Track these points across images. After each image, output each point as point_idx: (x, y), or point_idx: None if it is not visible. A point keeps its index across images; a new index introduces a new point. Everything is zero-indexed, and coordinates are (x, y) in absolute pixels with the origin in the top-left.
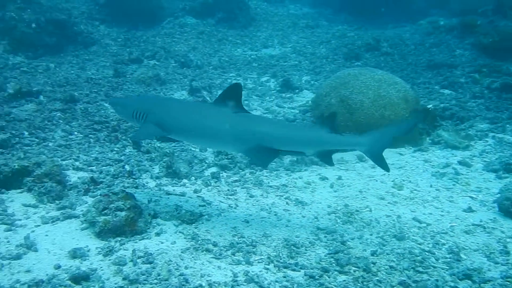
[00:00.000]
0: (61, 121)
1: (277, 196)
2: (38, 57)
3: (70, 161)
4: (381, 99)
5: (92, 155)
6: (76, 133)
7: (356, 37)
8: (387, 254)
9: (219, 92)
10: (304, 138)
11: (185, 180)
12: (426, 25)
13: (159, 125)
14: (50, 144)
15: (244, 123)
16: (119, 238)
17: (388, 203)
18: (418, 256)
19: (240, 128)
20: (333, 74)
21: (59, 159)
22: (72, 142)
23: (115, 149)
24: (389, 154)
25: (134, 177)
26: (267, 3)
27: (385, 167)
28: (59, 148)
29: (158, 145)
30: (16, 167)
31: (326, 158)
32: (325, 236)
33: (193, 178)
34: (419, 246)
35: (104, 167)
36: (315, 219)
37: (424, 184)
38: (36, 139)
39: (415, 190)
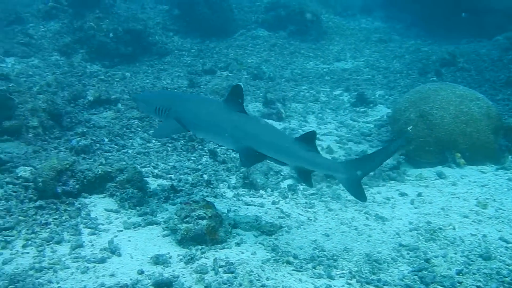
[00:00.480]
0: (139, 129)
1: (356, 210)
2: (114, 66)
3: (149, 168)
4: (463, 115)
5: (170, 164)
6: (153, 141)
7: (430, 52)
8: (474, 273)
9: (293, 104)
10: (284, 149)
11: (262, 192)
12: (503, 41)
13: (179, 121)
14: (130, 151)
15: (241, 123)
16: (199, 247)
17: (472, 221)
18: (507, 277)
19: (237, 127)
20: (407, 89)
21: (139, 166)
22: (150, 150)
23: (192, 158)
24: (469, 172)
25: (212, 186)
26: (339, 16)
27: (362, 197)
28: (138, 155)
29: (234, 155)
30: (100, 172)
31: (304, 176)
32: (407, 253)
33: (269, 189)
34: (508, 267)
35: (182, 176)
36: (397, 235)
37: (510, 203)
38: (116, 146)
39: (500, 209)
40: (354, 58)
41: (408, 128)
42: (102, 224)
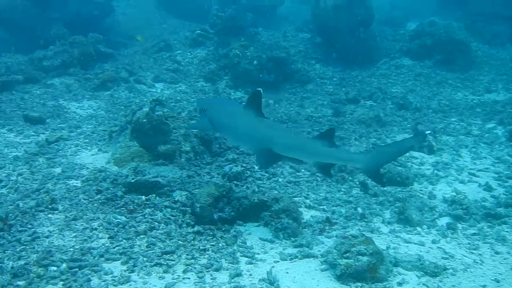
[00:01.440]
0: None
1: None
2: None
3: (301, 198)
4: None
5: (321, 194)
6: (303, 170)
7: None
8: None
9: (444, 137)
10: (303, 148)
11: (418, 229)
12: None
13: (210, 121)
14: (280, 179)
15: (259, 127)
16: (359, 284)
17: None
18: None
19: (255, 130)
20: None
21: (290, 195)
22: (300, 179)
23: (342, 189)
24: None
25: (366, 220)
26: (488, 45)
27: (381, 182)
28: (288, 184)
29: (385, 188)
30: (255, 201)
31: (324, 171)
32: None
33: (425, 226)
34: None
35: (334, 207)
36: None
37: None
38: (266, 174)
39: None
40: (506, 90)
41: (427, 132)
42: (258, 254)
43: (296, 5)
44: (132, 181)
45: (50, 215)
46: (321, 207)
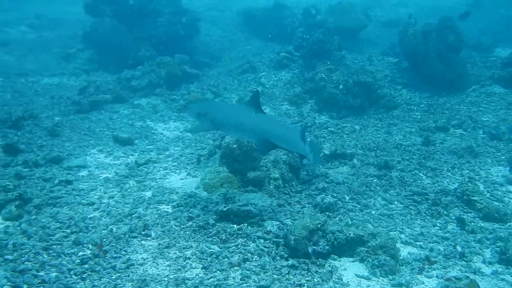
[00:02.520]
0: (378, 188)
1: None
2: (341, 118)
3: (396, 233)
4: None
5: (416, 229)
6: (396, 202)
7: None
8: None
9: None
10: (288, 140)
11: None
12: None
13: (212, 122)
14: (373, 211)
15: (259, 121)
16: None
17: None
18: None
19: (256, 124)
20: None
21: (384, 229)
22: (394, 212)
23: (437, 224)
24: None
25: (466, 259)
26: None
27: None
28: (382, 217)
29: (482, 224)
30: (351, 235)
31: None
32: None
33: None
34: None
35: (432, 244)
36: None
37: None
38: (358, 205)
39: None
40: None
41: None
42: None
43: (379, 28)
44: (224, 209)
45: (143, 242)
46: (418, 243)
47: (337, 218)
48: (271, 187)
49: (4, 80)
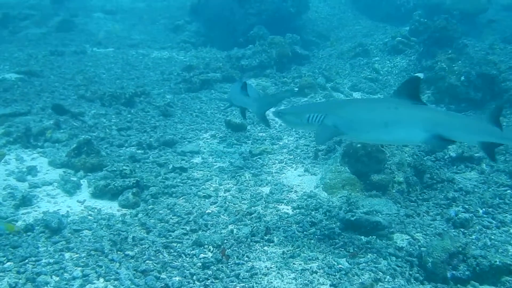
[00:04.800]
0: None
1: None
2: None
3: None
4: None
5: None
6: None
7: None
8: None
9: None
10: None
11: None
12: None
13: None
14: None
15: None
16: None
17: None
18: None
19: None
20: None
21: None
22: None
23: None
24: None
25: None
26: None
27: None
28: None
29: None
30: (497, 263)
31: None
32: None
33: None
34: None
35: None
36: None
37: None
38: (493, 221)
39: None
40: None
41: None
42: None
43: (499, 12)
44: (352, 219)
45: (266, 248)
46: None
47: (473, 237)
48: (394, 191)
49: (116, 51)
